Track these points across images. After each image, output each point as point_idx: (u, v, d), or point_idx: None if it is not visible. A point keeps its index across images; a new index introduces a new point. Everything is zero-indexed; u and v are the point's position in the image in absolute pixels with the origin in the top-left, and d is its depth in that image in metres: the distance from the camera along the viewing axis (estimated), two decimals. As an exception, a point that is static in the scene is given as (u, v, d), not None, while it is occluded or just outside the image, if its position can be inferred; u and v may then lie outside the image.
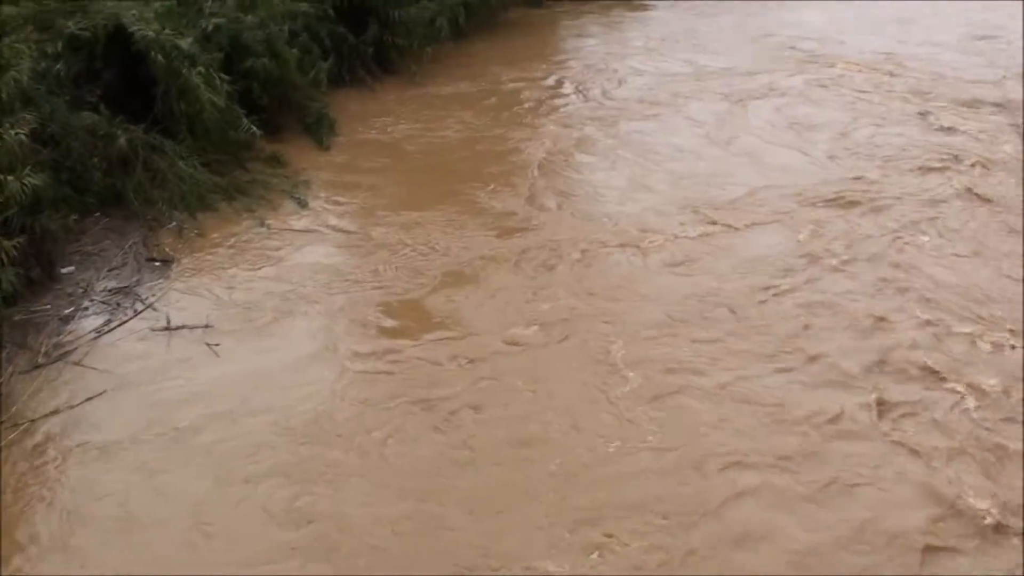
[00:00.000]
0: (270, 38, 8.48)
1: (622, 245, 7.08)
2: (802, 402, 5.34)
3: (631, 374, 5.58)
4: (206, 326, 5.88)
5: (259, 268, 6.59)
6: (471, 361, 5.67)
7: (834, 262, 6.85)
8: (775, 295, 6.44)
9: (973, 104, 10.28)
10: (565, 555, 4.36)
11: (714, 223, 7.41)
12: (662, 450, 5.00)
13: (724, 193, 7.92)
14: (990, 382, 5.52)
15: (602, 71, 10.97)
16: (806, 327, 6.07)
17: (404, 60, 10.35)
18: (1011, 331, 6.01)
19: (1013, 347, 5.87)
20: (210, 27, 8.13)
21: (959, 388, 5.48)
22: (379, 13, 10.04)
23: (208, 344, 5.70)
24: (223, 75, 7.84)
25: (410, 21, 10.21)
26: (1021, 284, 6.58)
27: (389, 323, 6.04)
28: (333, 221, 7.33)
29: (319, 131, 8.67)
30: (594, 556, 4.37)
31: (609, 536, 4.47)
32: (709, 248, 7.06)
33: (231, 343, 5.75)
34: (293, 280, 6.43)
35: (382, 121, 9.22)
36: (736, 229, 7.35)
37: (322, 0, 9.60)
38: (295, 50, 8.74)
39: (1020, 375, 5.58)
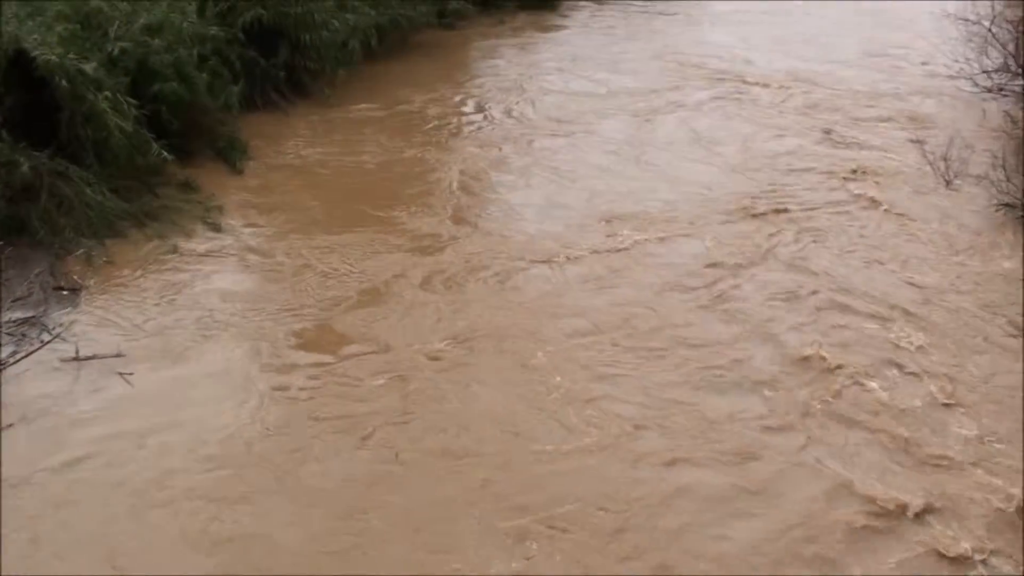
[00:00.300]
0: (178, 62, 8.36)
1: (541, 260, 7.15)
2: (725, 401, 5.56)
3: (558, 378, 5.67)
4: (118, 355, 5.74)
5: (172, 295, 6.47)
6: (392, 377, 5.66)
7: (746, 268, 7.11)
8: (694, 302, 6.66)
9: (873, 119, 10.67)
10: (504, 559, 4.40)
11: (630, 236, 7.54)
12: (596, 450, 5.11)
13: (638, 207, 8.09)
14: (890, 372, 5.92)
15: (514, 91, 11.07)
16: (725, 331, 6.31)
17: (317, 83, 10.31)
18: (914, 327, 6.40)
19: (920, 346, 6.22)
20: (116, 51, 7.98)
21: (871, 384, 5.79)
22: (290, 36, 9.98)
23: (120, 373, 5.57)
24: (130, 100, 7.69)
25: (322, 44, 10.17)
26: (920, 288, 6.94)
27: (305, 344, 5.98)
28: (247, 245, 7.24)
29: (231, 155, 8.58)
30: (532, 556, 4.42)
31: (547, 535, 4.55)
32: (627, 260, 7.22)
33: (144, 371, 5.62)
34: (207, 306, 6.33)
35: (296, 144, 9.15)
36: (652, 241, 7.51)
37: (231, 24, 9.51)
38: (204, 74, 8.62)
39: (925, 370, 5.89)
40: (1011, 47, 11.54)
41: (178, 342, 5.93)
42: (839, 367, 5.93)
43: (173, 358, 5.78)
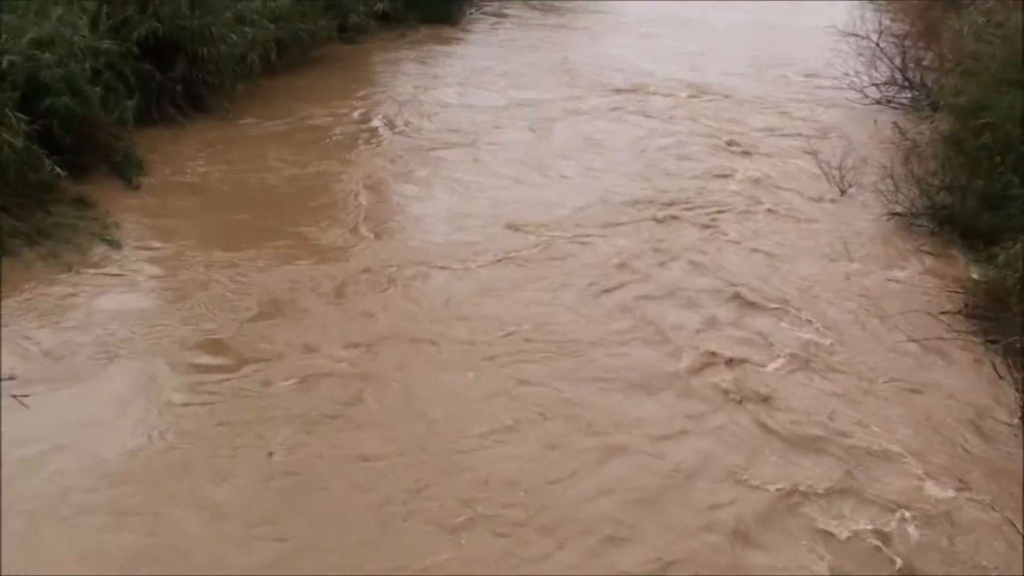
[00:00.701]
0: (70, 76, 8.10)
1: (448, 267, 7.21)
2: (625, 396, 5.79)
3: (470, 374, 5.80)
4: (11, 378, 5.53)
5: (67, 314, 6.25)
6: (298, 383, 5.63)
7: (648, 269, 7.42)
8: (599, 301, 6.91)
9: (770, 130, 10.99)
10: (437, 549, 4.48)
11: (535, 241, 7.72)
12: (522, 436, 5.31)
13: (542, 214, 8.25)
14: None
15: (416, 104, 11.08)
16: (635, 322, 6.62)
17: (215, 97, 10.13)
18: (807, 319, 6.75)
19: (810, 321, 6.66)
20: (4, 64, 7.72)
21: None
22: (187, 50, 9.78)
23: (15, 396, 5.36)
24: (20, 115, 7.44)
25: (220, 58, 9.99)
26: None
27: (207, 358, 5.87)
28: (144, 263, 7.04)
29: (127, 171, 8.36)
30: (465, 545, 4.51)
31: (477, 521, 4.66)
32: (532, 264, 7.37)
33: (40, 393, 5.42)
34: (104, 324, 6.14)
35: (195, 160, 8.97)
36: (556, 245, 7.68)
37: (126, 37, 9.28)
38: (98, 88, 8.39)
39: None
40: (898, 61, 12.02)
41: (75, 362, 5.74)
42: (733, 360, 6.24)
43: (70, 378, 5.59)
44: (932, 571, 4.56)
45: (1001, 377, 6.17)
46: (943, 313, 6.98)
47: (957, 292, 7.26)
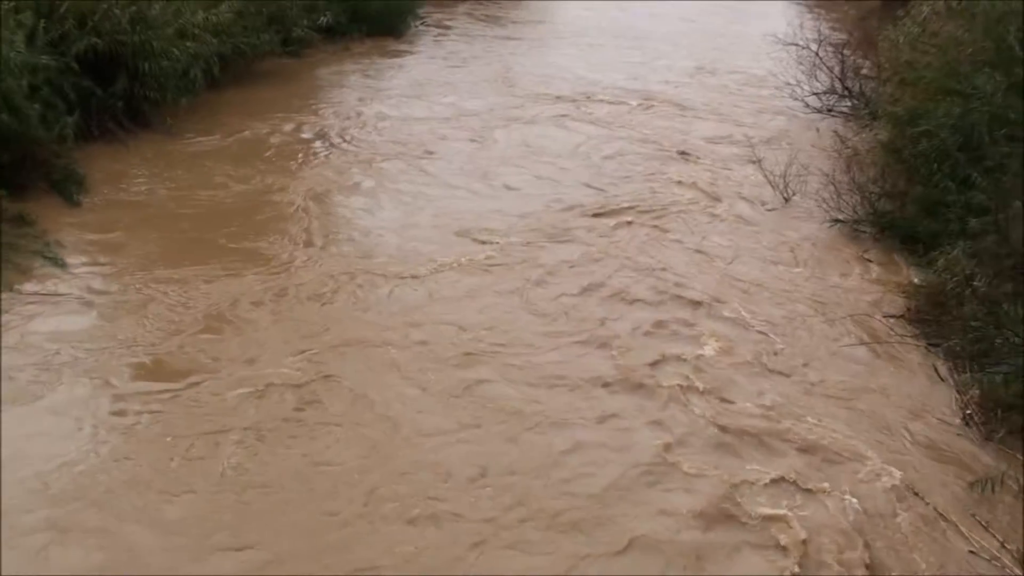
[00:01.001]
0: (6, 92, 7.97)
1: (398, 276, 7.21)
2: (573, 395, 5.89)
3: (431, 376, 5.90)
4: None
5: (8, 335, 6.13)
6: (250, 393, 5.59)
7: (598, 273, 7.55)
8: (554, 299, 7.06)
9: (713, 137, 11.15)
10: (405, 545, 4.53)
11: (485, 249, 7.79)
12: (482, 432, 5.45)
13: (490, 221, 8.32)
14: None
15: (361, 116, 11.06)
16: (585, 323, 6.77)
17: (158, 113, 10.00)
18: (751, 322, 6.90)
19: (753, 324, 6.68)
20: (-63, 82, 7.58)
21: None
22: (128, 65, 9.65)
23: (-45, 419, 5.24)
24: (-45, 132, 7.31)
25: (162, 74, 9.87)
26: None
27: (152, 373, 5.78)
28: (87, 281, 6.91)
29: (67, 188, 8.21)
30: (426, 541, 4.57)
31: (440, 516, 4.75)
32: (483, 271, 7.45)
33: (-20, 415, 5.32)
34: (45, 346, 6.00)
35: (137, 176, 8.83)
36: (506, 252, 7.75)
37: (64, 53, 9.13)
38: (36, 105, 8.26)
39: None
40: (837, 70, 12.24)
41: (18, 382, 5.61)
42: (680, 358, 6.40)
43: (12, 399, 5.46)
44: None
45: (943, 379, 6.30)
46: (886, 317, 7.11)
47: (899, 297, 7.40)
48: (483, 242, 7.91)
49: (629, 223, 8.52)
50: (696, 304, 7.16)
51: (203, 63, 10.51)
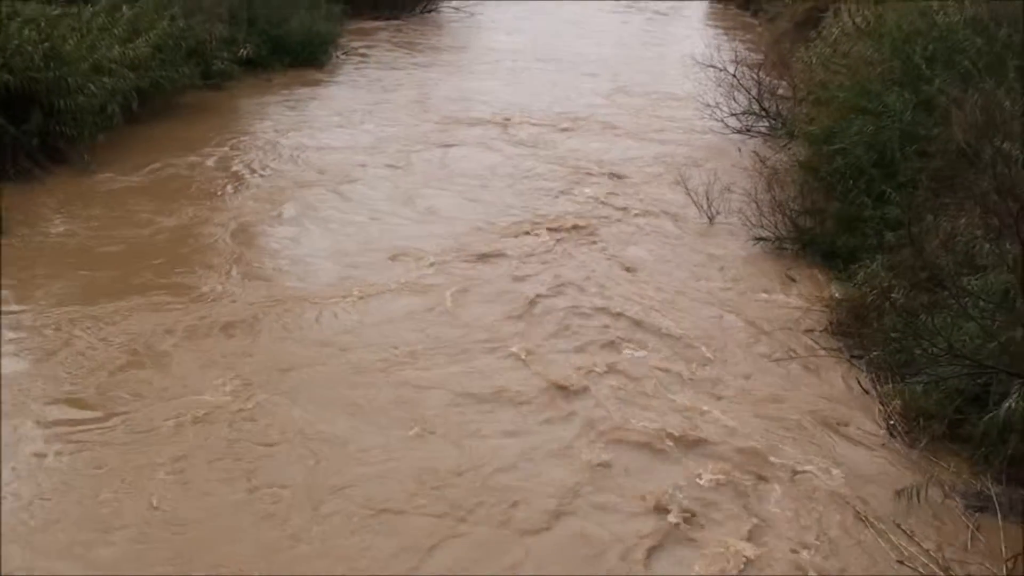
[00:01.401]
0: (-85, 132, 7.78)
1: (328, 301, 7.25)
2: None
3: (372, 391, 5.96)
4: None
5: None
6: (177, 425, 5.53)
7: (526, 287, 7.75)
8: (484, 316, 7.19)
9: (637, 158, 11.31)
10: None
11: (414, 271, 7.90)
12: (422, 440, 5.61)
13: (419, 243, 8.44)
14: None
15: (282, 147, 11.02)
16: (516, 338, 6.90)
17: (75, 149, 9.81)
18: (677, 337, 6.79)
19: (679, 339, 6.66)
20: None
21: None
22: (42, 102, 9.48)
23: None
24: None
25: (78, 109, 9.70)
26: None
27: (75, 412, 5.65)
28: (5, 324, 6.73)
29: (-18, 229, 8.01)
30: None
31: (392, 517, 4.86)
32: (413, 293, 7.55)
33: None
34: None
35: (55, 215, 8.63)
36: (435, 273, 7.89)
37: (-25, 90, 8.95)
38: (-53, 144, 8.07)
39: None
40: (754, 91, 12.52)
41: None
42: (609, 369, 6.56)
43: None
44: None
45: (866, 391, 6.44)
46: (809, 331, 7.26)
47: (822, 311, 7.55)
48: (411, 264, 7.99)
49: (556, 242, 8.68)
50: (622, 318, 7.30)
51: (121, 98, 10.36)
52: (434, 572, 4.56)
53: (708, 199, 9.45)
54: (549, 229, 8.93)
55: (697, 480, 5.39)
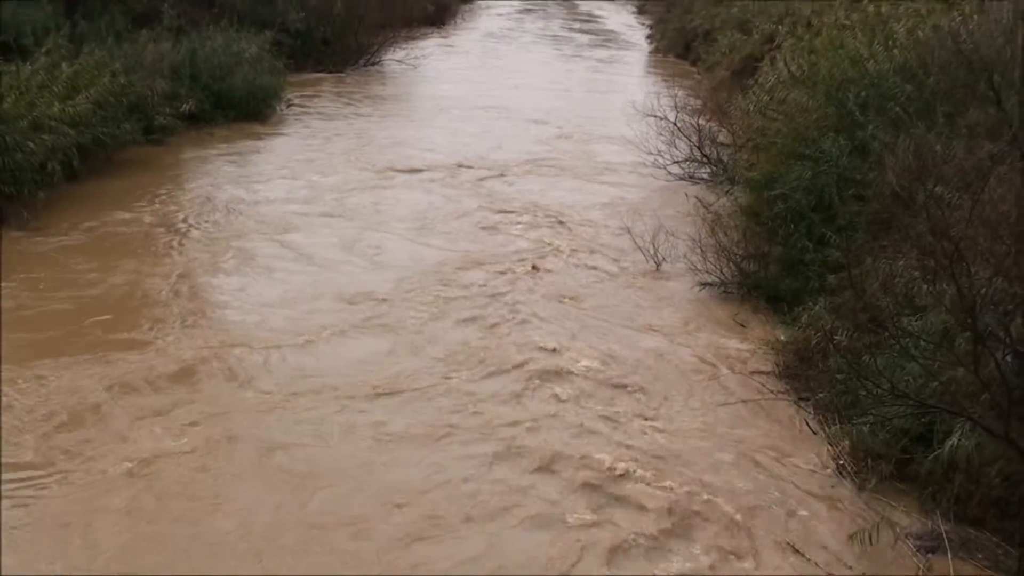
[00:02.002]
0: None
1: (279, 345, 7.33)
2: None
3: (324, 425, 6.04)
4: None
5: None
6: (127, 474, 5.52)
7: (471, 328, 7.94)
8: (435, 352, 7.27)
9: (583, 206, 11.41)
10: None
11: (362, 313, 8.02)
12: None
13: (365, 288, 8.53)
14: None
15: (224, 200, 10.97)
16: (473, 375, 7.08)
17: (15, 208, 9.65)
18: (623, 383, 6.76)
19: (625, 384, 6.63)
20: None
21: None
22: (-21, 160, 9.35)
23: None
24: None
25: (17, 167, 9.58)
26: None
27: (20, 470, 5.55)
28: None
29: (-83, 293, 7.83)
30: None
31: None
32: (363, 333, 7.69)
33: None
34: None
35: (-7, 276, 8.48)
36: (386, 313, 8.06)
37: (-90, 150, 8.79)
38: None
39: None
40: (695, 138, 12.72)
41: None
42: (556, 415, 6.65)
43: None
44: None
45: (814, 432, 6.51)
46: (756, 374, 7.33)
47: (768, 353, 7.63)
48: (361, 307, 8.13)
49: (501, 288, 8.79)
50: (556, 356, 7.47)
51: (61, 155, 10.24)
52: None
53: (654, 245, 9.54)
54: (488, 273, 9.08)
55: (639, 526, 5.42)
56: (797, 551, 5.27)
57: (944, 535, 5.25)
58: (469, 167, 12.84)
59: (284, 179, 11.97)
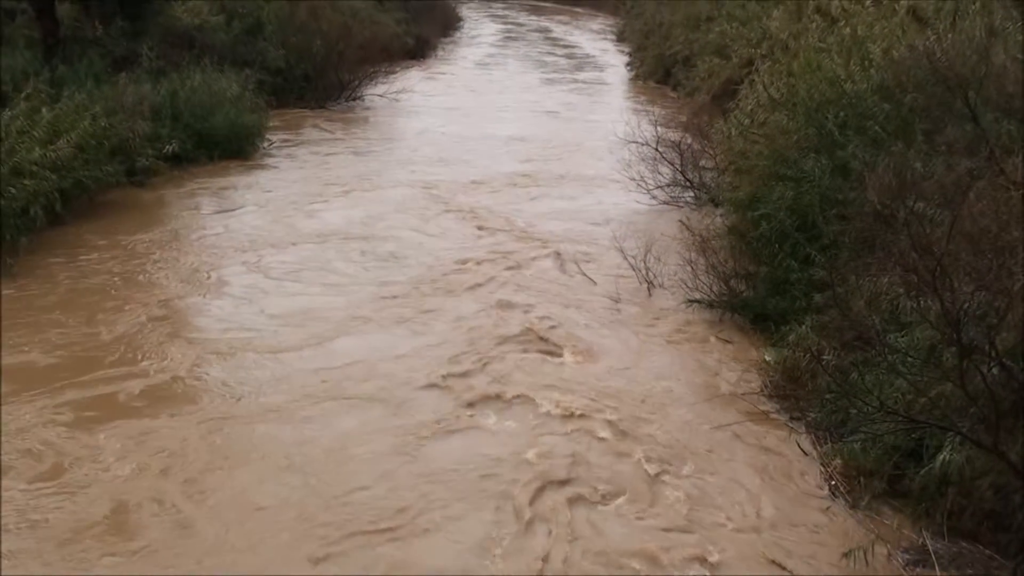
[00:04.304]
0: None
1: (263, 360, 7.62)
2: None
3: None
4: None
5: None
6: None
7: (457, 346, 8.07)
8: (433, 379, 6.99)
9: (566, 236, 11.43)
10: None
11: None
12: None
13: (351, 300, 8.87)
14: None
15: (210, 237, 10.94)
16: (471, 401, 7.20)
17: (-4, 254, 9.60)
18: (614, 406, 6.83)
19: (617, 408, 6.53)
20: None
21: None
22: (-40, 208, 9.31)
23: None
24: None
25: (-2, 214, 9.55)
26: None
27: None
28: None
29: None
30: None
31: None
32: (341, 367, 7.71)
33: None
34: None
35: (-26, 322, 8.40)
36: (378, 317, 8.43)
37: None
38: None
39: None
40: (678, 163, 12.78)
41: None
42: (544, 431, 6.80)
43: None
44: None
45: (806, 452, 6.50)
46: (745, 395, 7.33)
47: (757, 374, 7.64)
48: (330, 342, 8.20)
49: (497, 309, 8.92)
50: (550, 377, 7.56)
51: (44, 200, 10.21)
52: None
53: (645, 266, 9.56)
54: (488, 295, 9.21)
55: (636, 546, 5.43)
56: (785, 570, 5.25)
57: (932, 552, 5.24)
58: (451, 191, 13.04)
59: (273, 213, 11.97)
